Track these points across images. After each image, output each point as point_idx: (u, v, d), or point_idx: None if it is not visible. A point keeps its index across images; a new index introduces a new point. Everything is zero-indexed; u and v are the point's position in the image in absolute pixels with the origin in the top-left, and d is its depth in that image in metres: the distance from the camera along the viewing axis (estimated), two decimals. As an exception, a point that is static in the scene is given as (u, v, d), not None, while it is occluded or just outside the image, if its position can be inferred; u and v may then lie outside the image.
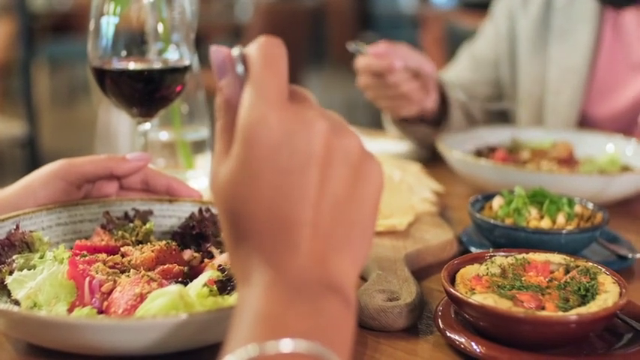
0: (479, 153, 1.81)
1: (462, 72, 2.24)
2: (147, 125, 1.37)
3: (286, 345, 0.63)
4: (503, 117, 2.25)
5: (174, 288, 0.90)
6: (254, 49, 0.74)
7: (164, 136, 1.73)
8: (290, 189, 0.69)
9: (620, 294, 0.95)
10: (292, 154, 0.70)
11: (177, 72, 1.34)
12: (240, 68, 0.74)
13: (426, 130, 1.95)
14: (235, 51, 0.75)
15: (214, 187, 0.73)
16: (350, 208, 0.72)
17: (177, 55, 1.34)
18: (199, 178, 1.62)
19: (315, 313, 0.67)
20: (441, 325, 0.98)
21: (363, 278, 1.16)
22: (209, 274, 0.95)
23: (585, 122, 2.07)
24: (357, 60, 1.87)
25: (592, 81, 2.06)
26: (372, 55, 1.83)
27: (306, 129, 0.71)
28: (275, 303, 0.67)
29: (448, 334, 0.97)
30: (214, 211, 1.12)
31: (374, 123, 2.28)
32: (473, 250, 1.27)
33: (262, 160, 0.69)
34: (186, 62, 1.34)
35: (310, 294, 0.68)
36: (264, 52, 0.74)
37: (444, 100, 1.97)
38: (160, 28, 1.33)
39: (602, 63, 2.05)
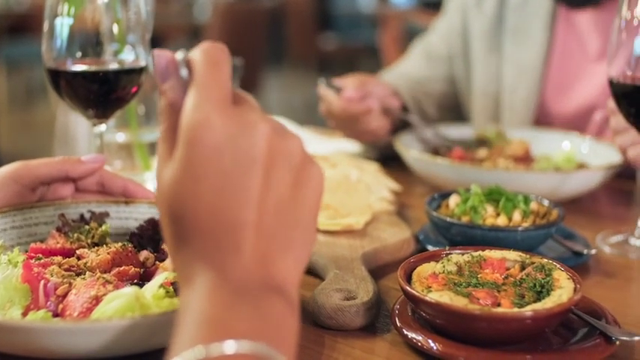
0: (436, 151, 1.82)
1: (416, 68, 2.24)
2: (102, 127, 1.36)
3: (230, 346, 0.63)
4: (457, 114, 2.26)
5: (129, 290, 0.89)
6: (198, 53, 0.75)
7: (121, 137, 1.72)
8: (233, 190, 0.70)
9: (575, 290, 0.96)
10: (236, 156, 0.70)
11: (132, 73, 1.33)
12: (184, 72, 0.75)
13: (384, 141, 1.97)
14: (179, 54, 0.76)
15: (158, 189, 0.73)
16: (292, 209, 0.73)
17: (132, 56, 1.33)
18: (156, 179, 1.61)
19: (258, 314, 0.68)
20: (398, 324, 0.99)
21: (320, 277, 1.16)
22: (165, 275, 0.95)
23: (542, 119, 2.09)
24: (330, 102, 1.87)
25: (547, 78, 2.08)
26: (346, 100, 1.83)
27: (249, 131, 0.71)
28: (218, 305, 0.67)
29: (405, 332, 0.97)
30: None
31: (332, 123, 2.29)
32: (430, 248, 1.27)
33: (206, 162, 0.70)
34: (142, 63, 1.34)
35: (253, 295, 0.69)
36: (208, 56, 0.75)
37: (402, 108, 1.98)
38: (115, 29, 1.32)
39: (557, 60, 2.07)
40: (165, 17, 8.00)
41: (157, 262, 1.04)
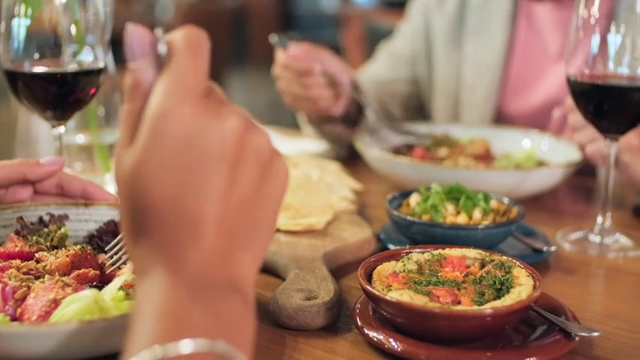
0: (397, 150, 1.83)
1: (380, 70, 2.27)
2: (61, 129, 1.35)
3: (187, 345, 0.62)
4: (421, 113, 2.28)
5: (88, 293, 0.89)
6: (180, 35, 0.71)
7: (81, 139, 1.71)
8: (198, 185, 0.68)
9: (534, 287, 0.96)
10: (203, 150, 0.68)
11: (91, 74, 1.32)
12: (162, 48, 0.71)
13: (340, 130, 1.96)
14: (159, 32, 0.72)
15: (117, 175, 0.71)
16: (256, 207, 0.72)
17: (91, 57, 1.32)
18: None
19: (216, 312, 0.67)
20: (359, 323, 0.99)
21: (281, 278, 1.16)
22: (125, 277, 0.94)
23: (501, 118, 2.11)
24: (278, 55, 1.87)
25: (507, 78, 2.10)
26: (291, 56, 1.83)
27: (218, 125, 0.69)
28: (177, 299, 0.66)
29: (366, 331, 0.97)
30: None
31: (296, 123, 2.29)
32: (391, 247, 1.28)
33: (171, 153, 0.68)
34: (101, 64, 1.33)
35: (211, 292, 0.68)
36: (189, 42, 0.71)
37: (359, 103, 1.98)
38: (74, 29, 1.31)
39: (517, 59, 2.09)
40: (127, 18, 7.87)
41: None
